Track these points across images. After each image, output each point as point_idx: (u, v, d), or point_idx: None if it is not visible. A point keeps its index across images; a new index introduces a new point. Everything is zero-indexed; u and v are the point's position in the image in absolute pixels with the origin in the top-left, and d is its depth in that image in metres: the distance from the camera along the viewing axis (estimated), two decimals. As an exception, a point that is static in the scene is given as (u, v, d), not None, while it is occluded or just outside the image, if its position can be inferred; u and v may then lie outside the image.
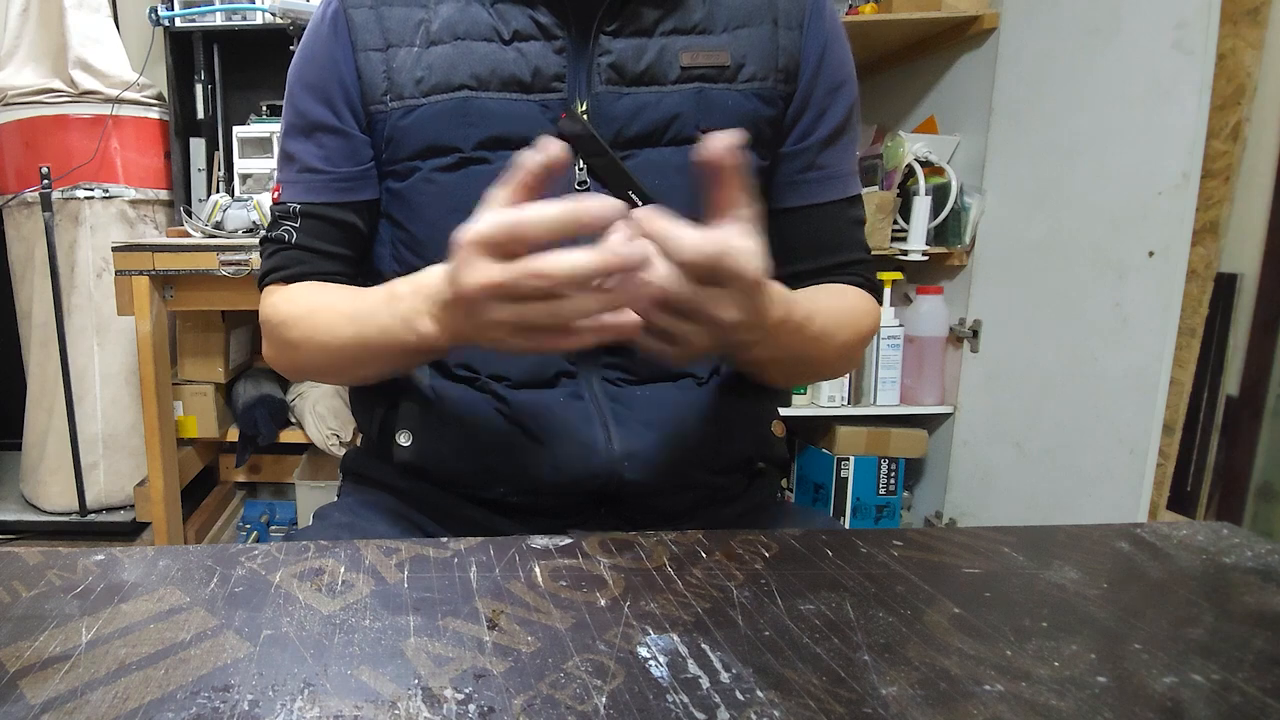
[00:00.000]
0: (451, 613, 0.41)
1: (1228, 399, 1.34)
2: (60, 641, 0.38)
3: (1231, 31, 1.27)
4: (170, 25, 1.87)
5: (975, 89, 1.73)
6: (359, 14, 0.65)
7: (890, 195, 1.75)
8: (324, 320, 0.63)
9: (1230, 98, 1.29)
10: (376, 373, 0.65)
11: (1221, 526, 0.52)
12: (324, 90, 0.66)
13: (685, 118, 0.64)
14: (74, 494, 1.92)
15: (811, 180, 0.69)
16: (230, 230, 1.66)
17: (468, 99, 0.63)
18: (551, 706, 0.33)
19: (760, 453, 0.72)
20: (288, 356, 0.68)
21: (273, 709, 0.33)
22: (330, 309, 0.64)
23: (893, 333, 1.83)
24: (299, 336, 0.65)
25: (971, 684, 0.35)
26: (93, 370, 1.91)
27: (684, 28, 0.64)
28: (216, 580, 0.44)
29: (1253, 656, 0.37)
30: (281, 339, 0.67)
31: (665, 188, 0.64)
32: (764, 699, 0.33)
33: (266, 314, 0.69)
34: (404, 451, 0.66)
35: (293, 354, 0.67)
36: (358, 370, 0.65)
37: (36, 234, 1.85)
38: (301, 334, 0.65)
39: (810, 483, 1.98)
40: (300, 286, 0.68)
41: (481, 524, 0.67)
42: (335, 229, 0.68)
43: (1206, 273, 1.33)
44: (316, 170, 0.67)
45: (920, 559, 0.47)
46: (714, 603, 0.42)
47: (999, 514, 1.70)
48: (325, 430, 1.83)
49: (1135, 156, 1.35)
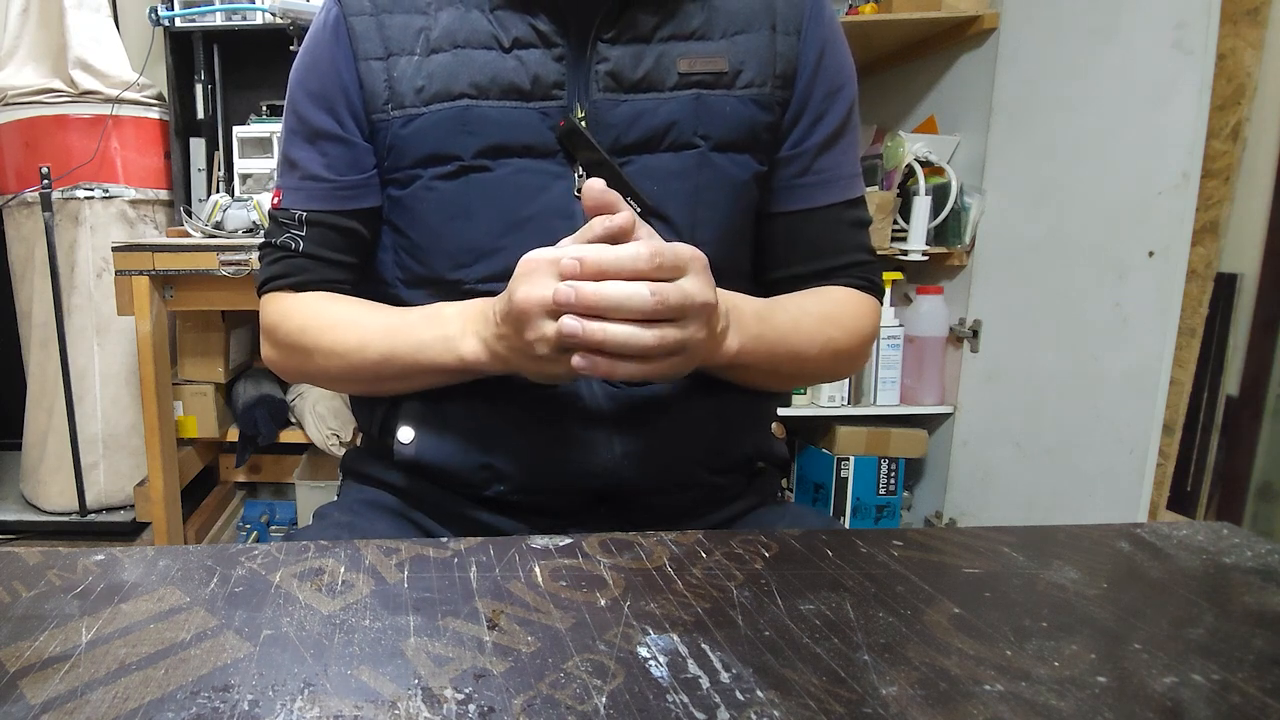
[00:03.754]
0: (451, 613, 0.41)
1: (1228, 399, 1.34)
2: (60, 641, 0.38)
3: (1231, 31, 1.27)
4: (170, 25, 1.87)
5: (975, 89, 1.73)
6: (359, 22, 0.65)
7: (890, 195, 1.75)
8: (351, 333, 0.65)
9: (1230, 98, 1.29)
10: (397, 389, 0.67)
11: (1221, 526, 0.52)
12: (327, 98, 0.66)
13: (683, 124, 0.64)
14: (74, 494, 1.92)
15: (808, 184, 0.69)
16: (230, 230, 1.66)
17: (468, 107, 0.63)
18: (551, 706, 0.33)
19: (760, 453, 0.72)
20: (295, 363, 0.69)
21: (273, 709, 0.33)
22: (357, 323, 0.66)
23: (893, 333, 1.83)
24: (319, 346, 0.66)
25: (971, 684, 0.35)
26: (93, 370, 1.91)
27: (682, 34, 0.64)
28: (216, 580, 0.44)
29: (1253, 656, 0.37)
30: (293, 345, 0.68)
31: (663, 194, 0.64)
32: (764, 699, 0.33)
33: (274, 320, 0.69)
34: (404, 451, 0.66)
35: (304, 361, 0.68)
36: (377, 385, 0.67)
37: (36, 234, 1.85)
38: (322, 344, 0.66)
39: (810, 483, 1.98)
40: (317, 297, 0.69)
41: (481, 524, 0.67)
42: (340, 237, 0.69)
43: (1206, 273, 1.33)
44: (320, 178, 0.67)
45: (920, 559, 0.47)
46: (714, 603, 0.42)
47: (999, 514, 1.70)
48: (325, 430, 1.83)
49: (1135, 156, 1.35)
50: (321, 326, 0.67)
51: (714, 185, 0.65)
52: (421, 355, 0.62)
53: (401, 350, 0.63)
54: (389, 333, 0.64)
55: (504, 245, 0.63)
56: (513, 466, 0.65)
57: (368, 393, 0.70)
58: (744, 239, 0.70)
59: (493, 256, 0.64)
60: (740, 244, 0.69)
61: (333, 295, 0.69)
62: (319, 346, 0.66)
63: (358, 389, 0.70)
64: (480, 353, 0.59)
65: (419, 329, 0.63)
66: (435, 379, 0.64)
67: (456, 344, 0.60)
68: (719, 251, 0.66)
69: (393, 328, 0.64)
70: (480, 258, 0.64)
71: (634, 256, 0.49)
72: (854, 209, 0.70)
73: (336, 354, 0.65)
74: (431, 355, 0.61)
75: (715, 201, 0.65)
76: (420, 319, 0.64)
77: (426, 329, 0.62)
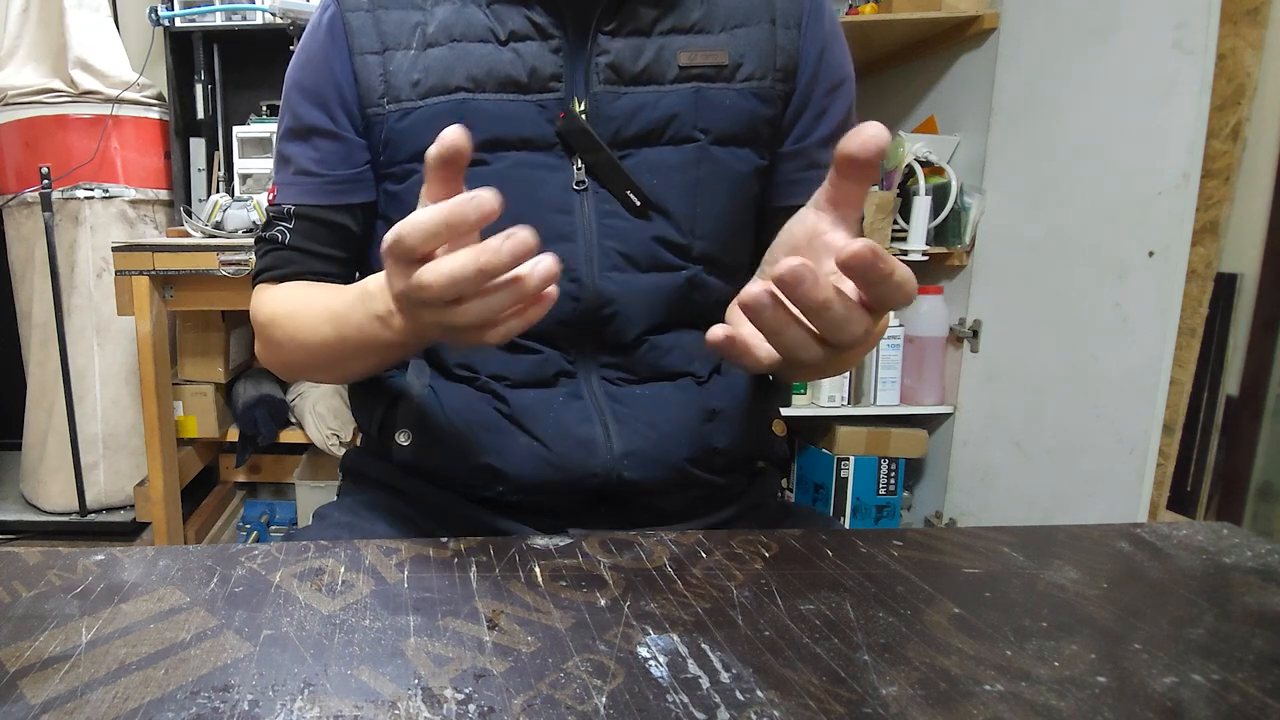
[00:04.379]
0: (451, 613, 0.41)
1: (1228, 399, 1.34)
2: (60, 641, 0.38)
3: (1231, 31, 1.27)
4: (170, 25, 1.87)
5: (975, 89, 1.73)
6: (355, 18, 0.65)
7: (890, 195, 1.75)
8: (304, 319, 0.63)
9: (1230, 98, 1.29)
10: (360, 370, 0.64)
11: (1221, 526, 0.52)
12: (320, 95, 0.66)
13: (683, 117, 0.64)
14: (74, 494, 1.92)
15: (812, 179, 0.69)
16: (230, 230, 1.66)
17: (465, 100, 0.63)
18: (551, 706, 0.33)
19: (760, 452, 0.72)
20: (274, 355, 0.69)
21: (273, 709, 0.33)
22: (309, 308, 0.63)
23: (893, 333, 1.83)
24: (282, 335, 0.65)
25: (971, 684, 0.35)
26: (93, 370, 1.91)
27: (682, 27, 0.64)
28: (216, 580, 0.44)
29: (1253, 656, 0.37)
30: (268, 338, 0.68)
31: (663, 187, 0.64)
32: (764, 699, 0.33)
33: (255, 313, 0.70)
34: (404, 451, 0.66)
35: (278, 352, 0.68)
36: (340, 368, 0.64)
37: (36, 234, 1.85)
38: (284, 333, 0.65)
39: (810, 483, 1.98)
40: (286, 286, 0.68)
41: (481, 523, 0.67)
42: (327, 231, 0.69)
43: (1206, 273, 1.33)
44: (311, 173, 0.68)
45: (920, 559, 0.47)
46: (714, 603, 0.42)
47: (999, 514, 1.70)
48: (325, 430, 1.83)
49: (1135, 156, 1.35)
50: (284, 314, 0.65)
51: (714, 179, 0.65)
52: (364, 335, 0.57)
53: (345, 332, 0.58)
54: (331, 317, 0.60)
55: None
56: (512, 466, 0.65)
57: (342, 379, 0.69)
58: (745, 233, 0.70)
59: None
60: (741, 238, 0.69)
61: (303, 284, 0.68)
62: (286, 337, 0.65)
63: (329, 376, 0.68)
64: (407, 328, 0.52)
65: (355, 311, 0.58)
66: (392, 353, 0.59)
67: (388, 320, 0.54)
68: (719, 245, 0.66)
69: (333, 311, 0.60)
70: None
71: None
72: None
73: (296, 342, 0.64)
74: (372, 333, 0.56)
75: (715, 195, 0.65)
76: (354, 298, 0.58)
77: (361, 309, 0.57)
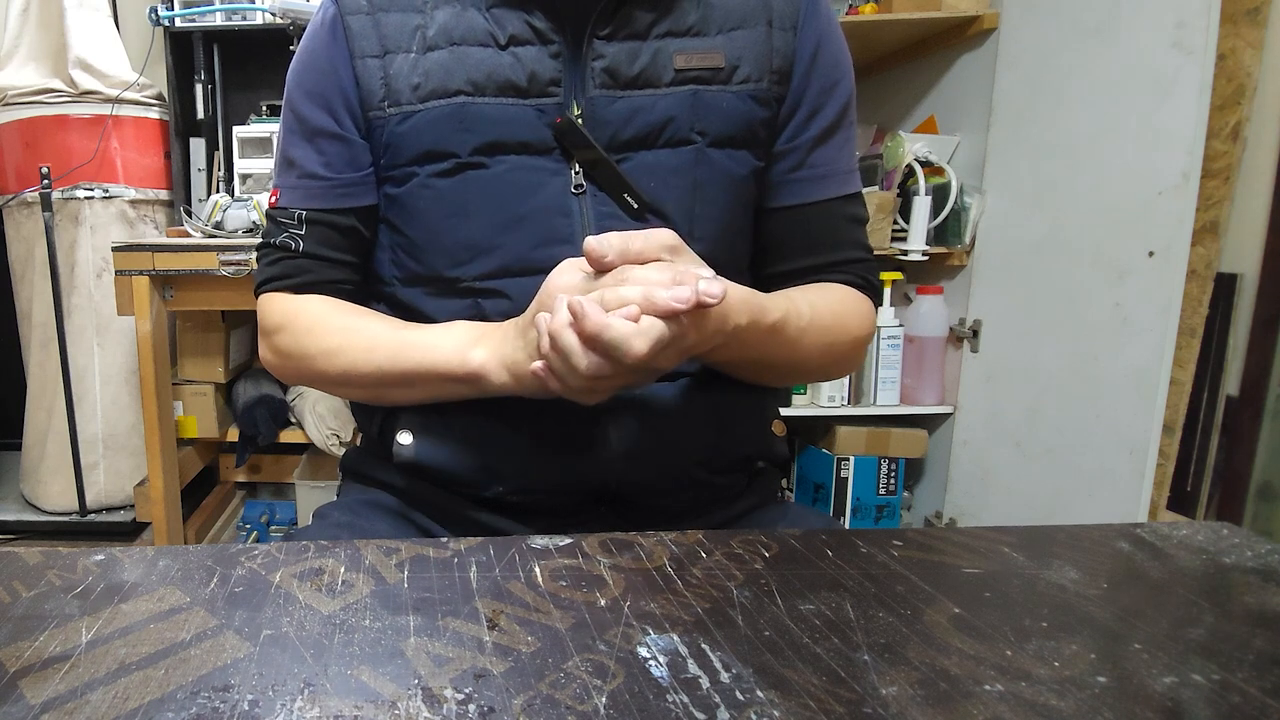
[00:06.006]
0: (451, 613, 0.41)
1: (1228, 399, 1.34)
2: (60, 641, 0.38)
3: (1231, 31, 1.27)
4: (170, 25, 1.87)
5: (975, 89, 1.73)
6: (356, 20, 0.65)
7: (890, 195, 1.75)
8: (360, 337, 0.65)
9: (1230, 98, 1.29)
10: (395, 396, 0.67)
11: (1221, 526, 0.52)
12: (324, 96, 0.66)
13: (680, 120, 0.64)
14: (74, 494, 1.92)
15: (804, 179, 0.69)
16: (230, 230, 1.66)
17: (464, 104, 0.63)
18: (551, 706, 0.33)
19: (760, 452, 0.72)
20: (296, 364, 0.69)
21: (273, 709, 0.33)
22: (368, 328, 0.66)
23: (893, 333, 1.83)
24: (324, 348, 0.66)
25: (971, 684, 0.35)
26: (93, 370, 1.91)
27: (678, 30, 0.64)
28: (216, 580, 0.44)
29: (1253, 656, 0.37)
30: (297, 347, 0.68)
31: (660, 190, 0.64)
32: (764, 699, 0.33)
33: (277, 321, 0.69)
34: (404, 451, 0.66)
35: (305, 363, 0.68)
36: (379, 390, 0.67)
37: (36, 234, 1.85)
38: (327, 346, 0.66)
39: (810, 483, 1.98)
40: (324, 300, 0.69)
41: (481, 524, 0.67)
42: (339, 235, 0.69)
43: (1206, 273, 1.33)
44: (318, 176, 0.67)
45: (920, 559, 0.47)
46: (714, 603, 0.42)
47: (999, 514, 1.70)
48: (325, 430, 1.83)
49: (1135, 156, 1.35)
50: (329, 329, 0.67)
51: (712, 181, 0.65)
52: (428, 358, 0.62)
53: (409, 354, 0.63)
54: (398, 338, 0.64)
55: (501, 243, 0.63)
56: (512, 467, 0.65)
57: (368, 399, 0.70)
58: (743, 235, 0.70)
59: (490, 254, 0.64)
60: (739, 240, 0.69)
61: (339, 301, 0.70)
62: (324, 349, 0.66)
63: (358, 394, 0.70)
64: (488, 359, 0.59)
65: (429, 334, 0.64)
66: (438, 388, 0.63)
67: (466, 350, 0.60)
68: (717, 247, 0.66)
69: (403, 333, 0.65)
70: (477, 255, 0.64)
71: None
72: (850, 205, 0.70)
73: (342, 356, 0.65)
74: (438, 357, 0.62)
75: (713, 197, 0.65)
76: (433, 329, 0.65)
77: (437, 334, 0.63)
